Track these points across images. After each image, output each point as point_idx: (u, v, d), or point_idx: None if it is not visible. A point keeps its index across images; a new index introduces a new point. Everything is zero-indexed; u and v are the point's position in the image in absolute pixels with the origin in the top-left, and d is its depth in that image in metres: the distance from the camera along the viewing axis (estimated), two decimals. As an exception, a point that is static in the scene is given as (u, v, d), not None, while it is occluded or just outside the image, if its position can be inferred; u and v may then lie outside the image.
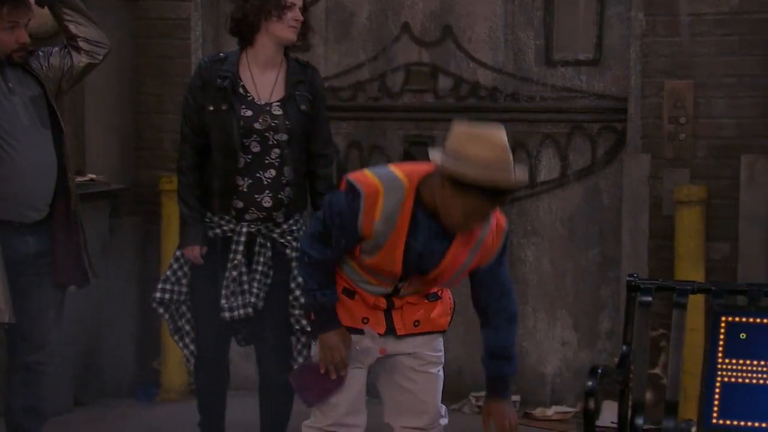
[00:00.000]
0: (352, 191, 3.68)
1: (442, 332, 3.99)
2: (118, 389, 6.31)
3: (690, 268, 5.61)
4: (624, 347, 4.16)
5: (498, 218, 3.78)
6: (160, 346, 6.27)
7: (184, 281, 4.85)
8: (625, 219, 5.93)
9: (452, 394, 6.31)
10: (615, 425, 4.19)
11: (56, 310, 4.69)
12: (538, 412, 6.09)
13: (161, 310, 4.89)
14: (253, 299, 4.70)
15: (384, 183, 3.68)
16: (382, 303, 3.86)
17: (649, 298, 4.16)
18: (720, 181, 5.82)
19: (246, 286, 4.70)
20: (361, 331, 3.88)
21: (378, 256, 3.72)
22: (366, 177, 3.72)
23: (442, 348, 4.02)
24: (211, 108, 4.72)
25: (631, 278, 4.22)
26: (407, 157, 6.40)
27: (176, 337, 4.92)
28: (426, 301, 3.92)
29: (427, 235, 3.71)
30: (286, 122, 4.72)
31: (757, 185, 5.73)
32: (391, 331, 3.88)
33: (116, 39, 6.25)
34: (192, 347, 4.89)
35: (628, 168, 5.94)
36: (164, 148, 6.53)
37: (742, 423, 4.02)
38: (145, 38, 6.50)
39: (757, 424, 4.00)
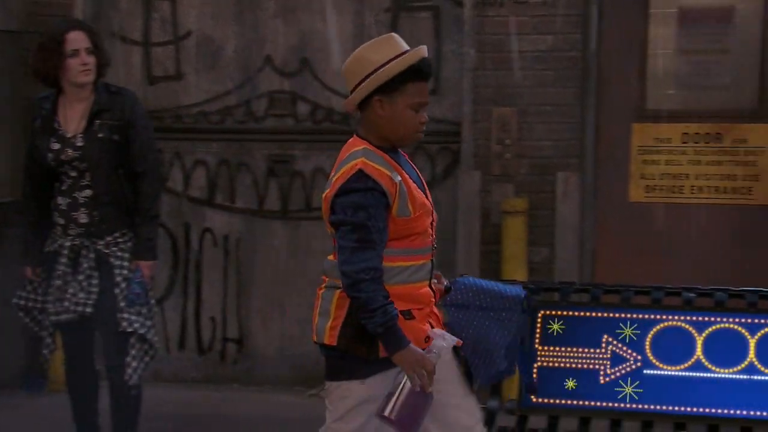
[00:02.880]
0: (357, 179, 3.25)
1: None
2: (8, 381, 6.22)
3: (515, 269, 5.77)
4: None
5: None
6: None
7: (39, 290, 4.80)
8: (459, 227, 6.06)
9: (311, 380, 6.44)
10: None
11: None
12: (386, 395, 6.19)
13: (21, 314, 4.85)
14: (73, 306, 4.63)
15: (363, 157, 3.29)
16: (430, 294, 3.40)
17: (477, 295, 4.30)
18: (540, 195, 5.98)
19: (69, 293, 4.65)
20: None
21: (412, 203, 3.30)
22: (353, 164, 3.29)
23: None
24: (34, 142, 4.71)
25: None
26: (271, 173, 6.51)
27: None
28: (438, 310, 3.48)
29: (407, 164, 3.44)
30: (88, 152, 4.62)
31: (570, 198, 5.93)
32: None
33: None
34: (45, 351, 4.86)
35: (462, 183, 6.09)
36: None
37: (555, 401, 4.21)
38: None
39: (566, 401, 4.20)
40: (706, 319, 4.14)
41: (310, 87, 6.39)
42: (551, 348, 4.22)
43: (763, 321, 4.09)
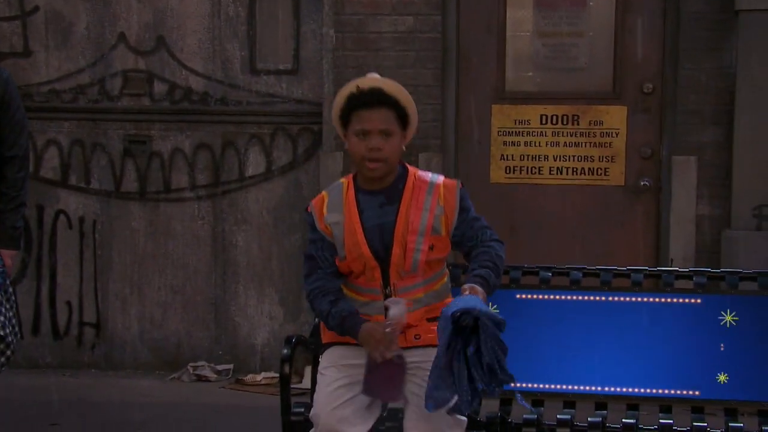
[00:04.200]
0: (306, 213, 3.61)
1: None
2: None
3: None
4: (316, 319, 4.28)
5: (445, 180, 3.57)
6: None
7: None
8: (321, 208, 6.07)
9: (172, 364, 6.38)
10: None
11: None
12: (248, 378, 6.16)
13: None
14: None
15: (327, 189, 3.61)
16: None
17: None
18: (401, 175, 6.03)
19: None
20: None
21: (345, 248, 3.51)
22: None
23: None
24: None
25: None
26: (127, 154, 6.39)
27: None
28: (426, 322, 3.55)
29: (375, 207, 3.51)
30: None
31: (431, 178, 6.00)
32: None
33: None
34: None
35: (324, 164, 6.06)
36: None
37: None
38: None
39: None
40: (563, 297, 4.23)
41: (167, 66, 6.27)
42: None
43: (616, 299, 4.21)
